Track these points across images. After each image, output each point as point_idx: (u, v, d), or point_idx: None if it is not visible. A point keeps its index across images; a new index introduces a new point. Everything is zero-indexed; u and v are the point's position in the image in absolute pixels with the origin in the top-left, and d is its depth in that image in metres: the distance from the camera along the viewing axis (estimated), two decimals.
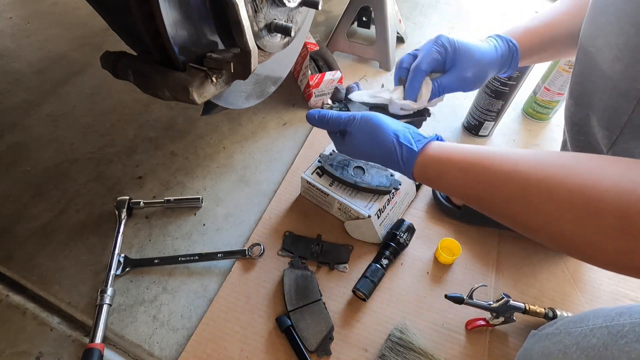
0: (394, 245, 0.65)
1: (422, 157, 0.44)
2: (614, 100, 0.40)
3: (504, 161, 0.37)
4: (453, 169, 0.41)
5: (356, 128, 0.48)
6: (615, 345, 0.35)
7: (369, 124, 0.47)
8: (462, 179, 0.40)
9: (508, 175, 0.36)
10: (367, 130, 0.47)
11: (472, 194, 0.40)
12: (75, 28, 1.14)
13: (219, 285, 0.64)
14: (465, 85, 0.53)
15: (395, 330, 0.58)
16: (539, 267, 0.67)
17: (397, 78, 0.56)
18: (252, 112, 0.92)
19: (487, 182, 0.38)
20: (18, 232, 0.70)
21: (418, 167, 0.45)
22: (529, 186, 0.34)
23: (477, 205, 0.41)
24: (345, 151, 0.52)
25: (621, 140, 0.41)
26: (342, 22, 1.01)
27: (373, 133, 0.47)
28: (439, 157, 0.43)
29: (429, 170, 0.44)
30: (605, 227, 0.30)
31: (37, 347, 0.58)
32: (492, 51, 0.53)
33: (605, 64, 0.40)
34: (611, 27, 0.39)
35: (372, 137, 0.47)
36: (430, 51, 0.51)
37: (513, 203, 0.36)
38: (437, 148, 0.44)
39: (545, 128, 0.91)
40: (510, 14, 1.24)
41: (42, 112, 0.91)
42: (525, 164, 0.36)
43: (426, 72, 0.52)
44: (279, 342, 0.58)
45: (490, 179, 0.38)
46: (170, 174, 0.80)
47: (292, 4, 0.58)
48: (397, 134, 0.46)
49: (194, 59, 0.50)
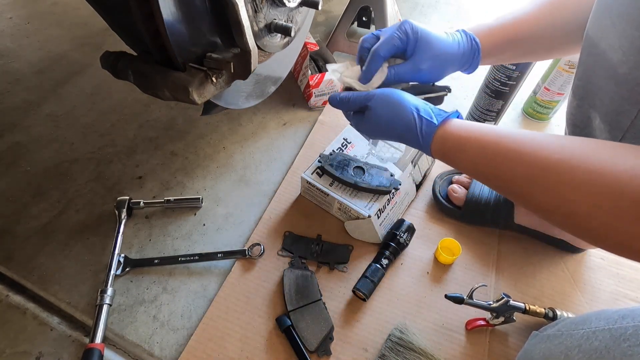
0: (394, 245, 0.65)
1: (441, 131, 0.44)
2: (617, 103, 0.40)
3: (524, 141, 0.38)
4: (472, 145, 0.41)
5: (377, 103, 0.48)
6: (617, 349, 0.35)
7: (390, 99, 0.47)
8: (481, 156, 0.40)
9: (527, 156, 0.36)
10: (388, 104, 0.47)
11: (490, 172, 0.40)
12: (75, 28, 1.14)
13: (219, 285, 0.64)
14: (420, 77, 0.52)
15: (395, 330, 0.58)
16: (539, 267, 0.67)
17: (358, 57, 0.55)
18: (252, 112, 0.92)
19: (506, 161, 0.38)
20: (18, 232, 0.70)
21: (437, 141, 0.44)
22: (547, 167, 0.35)
23: (494, 183, 0.41)
24: (365, 129, 0.51)
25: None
26: (342, 22, 1.01)
27: (394, 107, 0.47)
28: (459, 132, 0.43)
29: (447, 144, 0.44)
30: (620, 210, 0.30)
31: (37, 347, 0.58)
32: (454, 46, 0.52)
33: (609, 67, 0.40)
34: (615, 30, 0.39)
35: (392, 111, 0.47)
36: (392, 36, 0.50)
37: (531, 183, 0.36)
38: (457, 123, 0.44)
39: (545, 128, 0.90)
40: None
41: (42, 112, 0.91)
42: (545, 146, 0.36)
43: (384, 58, 0.51)
44: (279, 342, 0.58)
45: (509, 158, 0.38)
46: (170, 174, 0.80)
47: (292, 4, 0.58)
48: (417, 108, 0.46)
49: (194, 59, 0.50)
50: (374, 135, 0.52)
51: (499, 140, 0.40)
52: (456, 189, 0.72)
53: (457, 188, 0.72)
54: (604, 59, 0.41)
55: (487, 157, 0.40)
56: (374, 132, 0.51)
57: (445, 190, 0.74)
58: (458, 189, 0.72)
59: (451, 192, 0.72)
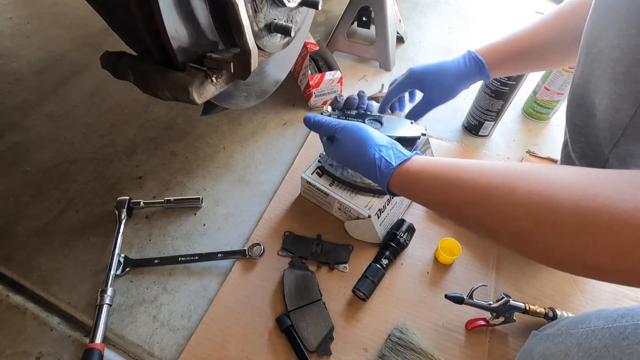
0: (394, 245, 0.65)
1: (398, 171, 0.47)
2: (616, 101, 0.40)
3: (470, 169, 0.40)
4: (425, 178, 0.44)
5: (343, 136, 0.52)
6: (617, 347, 0.35)
7: (355, 135, 0.51)
8: (432, 186, 0.43)
9: (472, 181, 0.39)
10: (353, 139, 0.51)
11: (442, 201, 0.42)
12: (75, 28, 1.14)
13: (219, 285, 0.64)
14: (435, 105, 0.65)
15: (395, 330, 0.58)
16: (539, 267, 0.67)
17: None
18: (252, 112, 0.92)
19: (454, 188, 0.40)
20: (18, 232, 0.70)
21: (394, 178, 0.47)
22: (490, 190, 0.37)
23: (447, 211, 0.42)
24: (332, 156, 0.56)
25: (623, 142, 0.41)
26: (342, 22, 1.01)
27: (358, 143, 0.50)
28: (414, 167, 0.46)
29: (403, 180, 0.47)
30: (560, 224, 0.31)
31: (37, 347, 0.58)
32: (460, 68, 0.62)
33: (607, 65, 0.40)
34: (613, 29, 0.39)
35: (356, 146, 0.50)
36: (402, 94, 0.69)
37: (477, 206, 0.38)
38: (414, 160, 0.47)
39: (545, 128, 0.90)
40: (510, 13, 1.24)
41: (42, 112, 0.91)
42: (488, 171, 0.38)
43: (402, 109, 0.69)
44: (279, 342, 0.58)
45: (456, 185, 0.40)
46: (170, 174, 0.80)
47: (292, 4, 0.58)
48: (380, 149, 0.49)
49: (194, 59, 0.50)
50: (340, 163, 0.56)
51: (448, 170, 0.42)
52: None
53: None
54: (602, 57, 0.41)
55: (438, 187, 0.42)
56: (340, 160, 0.55)
57: None
58: None
59: None
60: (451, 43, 1.11)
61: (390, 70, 1.03)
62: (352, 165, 0.52)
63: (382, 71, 1.03)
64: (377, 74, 1.02)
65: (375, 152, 0.49)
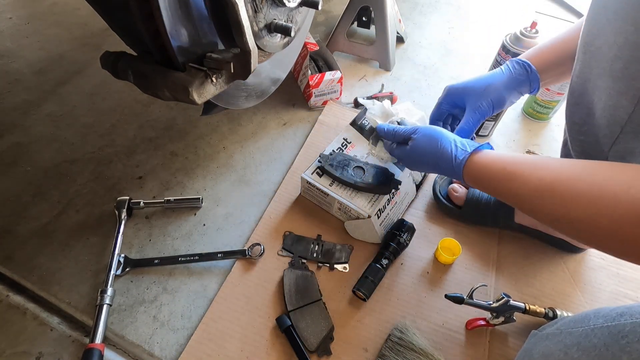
0: (394, 245, 0.65)
1: (472, 159, 0.51)
2: (614, 98, 0.40)
3: (536, 164, 0.45)
4: (495, 167, 0.48)
5: (421, 136, 0.56)
6: (616, 346, 0.35)
7: (431, 133, 0.55)
8: (503, 178, 0.47)
9: (537, 175, 0.43)
10: (430, 137, 0.55)
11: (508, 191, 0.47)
12: (75, 28, 1.14)
13: (219, 285, 0.64)
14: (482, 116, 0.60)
15: (395, 330, 0.58)
16: (539, 267, 0.67)
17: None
18: (252, 112, 0.92)
19: (521, 180, 0.44)
20: (18, 232, 0.70)
21: (468, 166, 0.51)
22: (555, 182, 0.41)
23: (512, 200, 0.47)
24: (406, 156, 0.58)
25: (622, 140, 0.41)
26: (342, 22, 1.01)
27: (434, 139, 0.54)
28: (485, 158, 0.50)
29: (475, 167, 0.51)
30: (619, 216, 0.34)
31: (37, 347, 0.58)
32: (503, 76, 0.59)
33: (605, 63, 0.40)
34: (610, 26, 0.39)
35: (432, 142, 0.54)
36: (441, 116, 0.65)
37: (541, 197, 0.42)
38: (485, 152, 0.51)
39: (545, 128, 0.91)
40: (510, 13, 1.24)
41: (42, 112, 0.91)
42: (557, 166, 0.42)
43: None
44: (279, 342, 0.58)
45: (524, 178, 0.44)
46: (170, 174, 0.80)
47: (292, 4, 0.58)
48: (455, 140, 0.53)
49: (194, 59, 0.50)
50: (413, 164, 0.59)
51: (516, 163, 0.46)
52: (457, 188, 0.72)
53: (457, 187, 0.72)
54: (600, 55, 0.41)
55: (507, 179, 0.46)
56: (414, 160, 0.58)
57: (445, 190, 0.74)
58: (459, 188, 0.72)
59: (452, 192, 0.72)
60: (451, 43, 1.11)
61: (390, 70, 1.03)
62: (427, 161, 0.55)
63: (382, 71, 1.03)
64: (377, 74, 1.02)
65: (451, 143, 0.53)
